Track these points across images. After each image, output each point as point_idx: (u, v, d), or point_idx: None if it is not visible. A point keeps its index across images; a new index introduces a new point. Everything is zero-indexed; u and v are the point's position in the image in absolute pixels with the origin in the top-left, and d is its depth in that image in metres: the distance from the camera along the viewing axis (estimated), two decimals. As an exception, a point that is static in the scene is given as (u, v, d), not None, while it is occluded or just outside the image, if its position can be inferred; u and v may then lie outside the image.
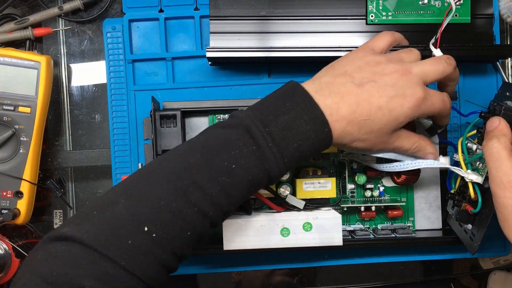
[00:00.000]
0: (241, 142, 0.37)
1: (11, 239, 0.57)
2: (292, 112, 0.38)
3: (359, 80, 0.40)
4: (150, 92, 0.55)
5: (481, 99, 0.55)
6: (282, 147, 0.37)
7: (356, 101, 0.39)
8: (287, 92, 0.40)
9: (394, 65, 0.41)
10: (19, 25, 0.56)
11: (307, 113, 0.38)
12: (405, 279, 0.60)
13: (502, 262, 0.62)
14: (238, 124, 0.38)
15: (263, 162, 0.37)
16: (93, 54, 0.59)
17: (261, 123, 0.37)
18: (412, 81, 0.41)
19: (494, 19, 0.54)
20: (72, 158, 0.58)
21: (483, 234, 0.44)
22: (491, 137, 0.40)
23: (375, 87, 0.40)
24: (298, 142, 0.38)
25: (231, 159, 0.37)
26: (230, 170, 0.36)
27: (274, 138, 0.37)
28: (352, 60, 0.42)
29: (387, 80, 0.40)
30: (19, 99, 0.53)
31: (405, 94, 0.40)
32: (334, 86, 0.40)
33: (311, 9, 0.53)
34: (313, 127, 0.38)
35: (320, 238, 0.47)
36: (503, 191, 0.38)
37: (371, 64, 0.41)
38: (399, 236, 0.52)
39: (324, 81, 0.41)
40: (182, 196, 0.36)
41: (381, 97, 0.39)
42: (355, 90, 0.39)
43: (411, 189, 0.54)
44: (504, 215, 0.39)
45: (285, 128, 0.37)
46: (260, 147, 0.37)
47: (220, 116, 0.53)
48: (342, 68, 0.41)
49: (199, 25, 0.55)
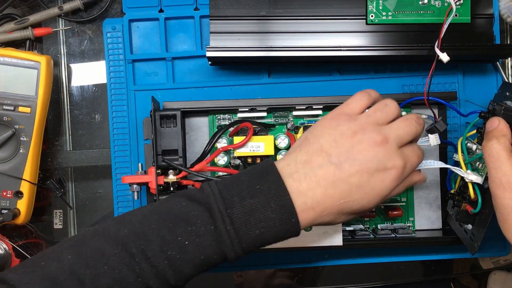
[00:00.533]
0: (199, 219, 0.36)
1: (11, 239, 0.57)
2: (260, 196, 0.36)
3: (336, 158, 0.38)
4: (150, 92, 0.55)
5: (481, 99, 0.55)
6: (242, 232, 0.36)
7: (333, 184, 0.37)
8: (261, 173, 0.38)
9: (370, 134, 0.38)
10: (19, 25, 0.56)
11: (275, 200, 0.36)
12: (405, 279, 0.60)
13: (502, 262, 0.62)
14: (201, 199, 0.37)
15: (219, 244, 0.36)
16: (93, 54, 0.59)
17: (223, 204, 0.36)
18: (391, 151, 0.38)
19: (494, 19, 0.54)
20: (72, 158, 0.58)
21: (483, 234, 0.44)
22: (490, 138, 0.40)
23: (354, 165, 0.37)
24: (261, 230, 0.36)
25: (186, 235, 0.35)
26: (183, 246, 0.35)
27: (234, 222, 0.36)
28: (327, 130, 0.39)
29: (365, 155, 0.38)
30: (19, 99, 0.53)
31: (386, 168, 0.38)
32: (310, 168, 0.38)
33: (311, 9, 0.53)
34: (279, 216, 0.36)
35: (320, 238, 0.47)
36: (503, 191, 0.38)
37: (347, 135, 0.38)
38: (399, 236, 0.52)
39: (299, 160, 0.38)
40: (126, 265, 0.35)
41: (362, 175, 0.37)
42: (333, 171, 0.37)
43: (411, 189, 0.54)
44: (504, 215, 0.39)
45: (249, 213, 0.36)
46: (218, 229, 0.35)
47: (220, 116, 0.53)
48: (317, 143, 0.39)
49: (199, 25, 0.55)
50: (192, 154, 0.54)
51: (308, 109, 0.52)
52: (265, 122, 0.53)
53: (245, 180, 0.37)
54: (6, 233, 0.57)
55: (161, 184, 0.48)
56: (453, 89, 0.55)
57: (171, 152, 0.49)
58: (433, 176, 0.54)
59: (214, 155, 0.50)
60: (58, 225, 0.59)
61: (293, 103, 0.51)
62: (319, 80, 0.56)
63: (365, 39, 0.53)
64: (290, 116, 0.53)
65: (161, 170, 0.49)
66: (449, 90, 0.55)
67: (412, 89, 0.55)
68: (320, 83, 0.55)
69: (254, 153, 0.50)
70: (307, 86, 0.55)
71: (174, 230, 0.36)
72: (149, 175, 0.48)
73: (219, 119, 0.53)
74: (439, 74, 0.55)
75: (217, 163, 0.52)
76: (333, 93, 0.55)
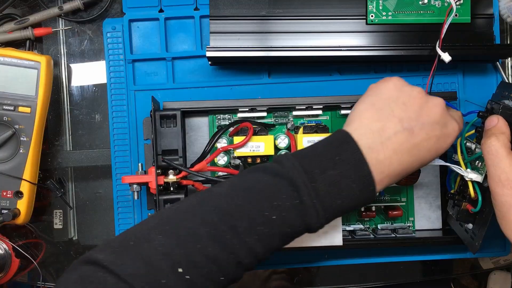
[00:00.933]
0: (284, 195, 0.36)
1: (11, 239, 0.57)
2: (340, 167, 0.37)
3: (408, 124, 0.39)
4: (150, 92, 0.55)
5: (481, 99, 0.55)
6: (326, 203, 0.37)
7: (408, 149, 0.39)
8: (336, 142, 0.39)
9: (431, 97, 0.41)
10: (19, 25, 0.56)
11: (356, 171, 0.37)
12: (405, 279, 0.60)
13: (502, 262, 0.62)
14: (283, 174, 0.37)
15: (304, 217, 0.37)
16: (93, 54, 0.59)
17: (307, 176, 0.36)
18: (448, 114, 0.41)
19: (494, 19, 0.54)
20: (72, 158, 0.58)
21: (484, 232, 0.44)
22: (489, 135, 0.40)
23: (424, 129, 0.39)
24: (342, 200, 0.37)
25: (272, 210, 0.36)
26: (270, 221, 0.36)
27: (318, 194, 0.36)
28: (393, 92, 0.40)
29: (433, 118, 0.40)
30: (19, 99, 0.53)
31: (448, 130, 0.40)
32: (385, 135, 0.39)
33: (311, 9, 0.53)
34: (359, 186, 0.37)
35: (320, 238, 0.47)
36: (501, 189, 0.38)
37: (414, 97, 0.40)
38: (399, 236, 0.52)
39: (374, 128, 0.39)
40: (218, 241, 0.35)
41: (430, 139, 0.39)
42: (406, 137, 0.39)
43: (411, 189, 0.54)
44: (502, 212, 0.39)
45: (331, 184, 0.37)
46: (304, 203, 0.36)
47: (220, 116, 0.53)
48: (387, 106, 0.40)
49: (199, 25, 0.55)
50: (192, 154, 0.54)
51: (308, 109, 0.52)
52: (265, 122, 0.53)
53: (323, 152, 0.38)
54: (6, 233, 0.57)
55: (161, 184, 0.48)
56: (453, 89, 0.55)
57: (171, 152, 0.49)
58: (433, 176, 0.54)
59: (214, 155, 0.50)
60: (58, 225, 0.59)
61: (293, 103, 0.51)
62: (319, 80, 0.56)
63: (365, 39, 0.53)
64: (290, 116, 0.53)
65: (161, 170, 0.49)
66: (449, 90, 0.55)
67: (412, 89, 0.55)
68: (320, 83, 0.55)
69: (254, 153, 0.50)
70: (307, 86, 0.55)
71: (261, 206, 0.36)
72: (149, 175, 0.48)
73: (219, 119, 0.53)
74: (439, 74, 0.55)
75: (217, 163, 0.52)
76: (333, 93, 0.55)
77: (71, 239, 0.59)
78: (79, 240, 0.59)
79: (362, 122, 0.40)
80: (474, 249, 0.46)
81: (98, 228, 0.58)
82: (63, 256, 0.59)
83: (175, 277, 0.34)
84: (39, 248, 0.59)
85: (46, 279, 0.58)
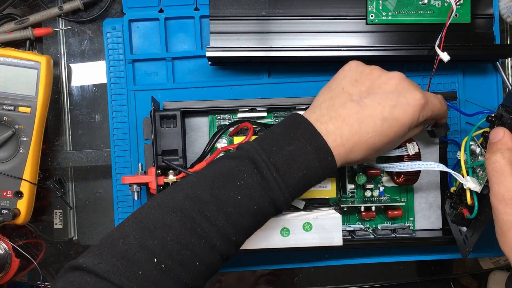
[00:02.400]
0: (246, 173, 0.38)
1: (11, 239, 0.57)
2: (296, 142, 0.38)
3: (358, 96, 0.40)
4: (150, 92, 0.55)
5: (481, 99, 0.55)
6: (287, 177, 0.38)
7: (358, 120, 0.39)
8: (290, 123, 0.40)
9: (390, 72, 0.41)
10: (19, 25, 0.56)
11: (310, 142, 0.38)
12: (405, 279, 0.60)
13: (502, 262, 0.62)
14: (243, 156, 0.39)
15: (268, 191, 0.38)
16: (93, 54, 0.59)
17: (265, 153, 0.38)
18: (410, 84, 0.41)
19: (494, 19, 0.54)
20: (72, 158, 0.58)
21: (476, 240, 0.44)
22: (495, 151, 0.39)
23: (376, 99, 0.40)
24: (303, 172, 0.38)
25: (237, 190, 0.37)
26: (236, 201, 0.37)
27: (278, 168, 0.38)
28: (348, 73, 0.42)
29: (386, 88, 0.40)
30: (19, 99, 0.53)
31: (407, 99, 0.40)
32: (334, 109, 0.40)
33: (311, 9, 0.53)
34: (317, 156, 0.38)
35: (320, 238, 0.47)
36: (504, 207, 0.38)
37: (367, 73, 0.41)
38: (399, 236, 0.52)
39: (324, 106, 0.41)
40: (189, 228, 0.36)
41: (384, 108, 0.39)
42: (355, 108, 0.40)
43: (411, 189, 0.54)
44: (503, 230, 0.38)
45: (289, 158, 0.38)
46: (265, 177, 0.37)
47: (220, 116, 0.53)
48: (338, 86, 0.42)
49: (199, 25, 0.55)
50: (192, 154, 0.54)
51: (308, 109, 0.52)
52: (265, 122, 0.53)
53: (279, 132, 0.40)
54: (6, 233, 0.57)
55: (161, 184, 0.48)
56: (453, 89, 0.55)
57: (171, 152, 0.49)
58: (433, 177, 0.54)
59: (214, 155, 0.50)
60: (58, 225, 0.59)
61: (293, 103, 0.51)
62: (319, 80, 0.56)
63: (365, 39, 0.53)
64: (290, 116, 0.53)
65: (161, 170, 0.49)
66: (449, 90, 0.55)
67: (412, 89, 0.55)
68: (320, 83, 0.55)
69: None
70: (307, 86, 0.55)
71: (225, 188, 0.37)
72: (149, 175, 0.48)
73: (219, 119, 0.53)
74: (439, 74, 0.55)
75: (217, 163, 0.52)
76: (333, 93, 0.54)
77: (71, 239, 0.59)
78: (79, 240, 0.59)
79: (314, 103, 0.43)
80: (465, 254, 0.46)
81: (98, 228, 0.58)
82: (63, 256, 0.59)
83: (151, 267, 0.35)
84: (39, 248, 0.59)
85: (46, 279, 0.58)
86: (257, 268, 0.58)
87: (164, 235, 0.36)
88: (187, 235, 0.36)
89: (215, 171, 0.39)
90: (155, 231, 0.36)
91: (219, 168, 0.39)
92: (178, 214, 0.37)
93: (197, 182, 0.39)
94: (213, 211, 0.37)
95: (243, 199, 0.37)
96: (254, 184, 0.37)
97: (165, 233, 0.36)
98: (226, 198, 0.37)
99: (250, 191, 0.37)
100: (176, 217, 0.37)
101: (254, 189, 0.37)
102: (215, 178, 0.38)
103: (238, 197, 0.37)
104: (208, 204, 0.37)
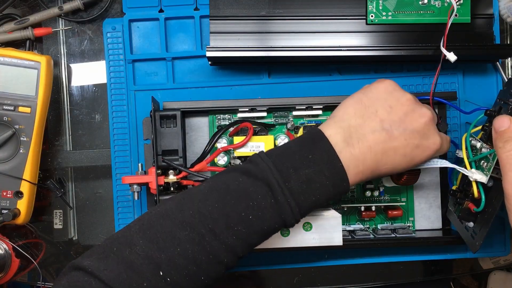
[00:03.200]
0: (260, 195, 0.37)
1: (11, 239, 0.57)
2: (314, 166, 0.38)
3: (389, 125, 0.40)
4: (150, 92, 0.55)
5: (481, 99, 0.55)
6: (301, 201, 0.38)
7: (383, 150, 0.39)
8: (310, 142, 0.40)
9: (422, 108, 0.41)
10: (19, 25, 0.56)
11: (329, 168, 0.38)
12: (405, 279, 0.60)
13: (502, 262, 0.62)
14: (258, 176, 0.38)
15: (280, 214, 0.38)
16: (93, 54, 0.59)
17: (281, 177, 0.37)
18: (434, 129, 0.42)
19: (494, 19, 0.54)
20: (72, 158, 0.58)
21: (485, 232, 0.44)
22: (507, 139, 0.39)
23: (404, 135, 0.40)
24: (316, 196, 0.38)
25: (249, 210, 0.37)
26: (247, 220, 0.37)
27: (293, 193, 0.37)
28: (383, 95, 0.41)
29: (415, 126, 0.41)
30: (19, 99, 0.53)
31: (428, 143, 0.41)
32: (363, 132, 0.40)
33: (311, 9, 0.53)
34: (332, 182, 0.38)
35: (320, 238, 0.47)
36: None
37: (402, 103, 0.41)
38: (399, 236, 0.52)
39: (353, 123, 0.40)
40: (197, 244, 0.36)
41: (407, 146, 0.40)
42: (384, 137, 0.40)
43: (411, 189, 0.54)
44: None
45: (305, 182, 0.38)
46: (279, 202, 0.37)
47: (220, 116, 0.53)
48: (372, 106, 0.41)
49: (199, 25, 0.55)
50: (192, 154, 0.54)
51: (308, 109, 0.52)
52: (265, 122, 0.53)
53: (296, 150, 0.39)
54: (6, 233, 0.57)
55: (162, 184, 0.48)
56: (453, 89, 0.55)
57: (171, 152, 0.49)
58: (433, 176, 0.54)
59: (214, 155, 0.50)
60: (58, 225, 0.59)
61: (293, 103, 0.51)
62: (319, 80, 0.56)
63: (365, 39, 0.53)
64: (290, 116, 0.53)
65: (161, 170, 0.49)
66: (449, 90, 0.55)
67: (412, 89, 0.55)
68: (320, 83, 0.55)
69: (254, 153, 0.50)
70: (307, 86, 0.55)
71: (237, 206, 0.37)
72: (149, 175, 0.48)
73: (219, 119, 0.53)
74: (439, 74, 0.55)
75: (217, 163, 0.52)
76: (333, 93, 0.54)
77: (71, 239, 0.59)
78: (79, 240, 0.59)
79: (345, 116, 0.41)
80: (474, 248, 0.46)
81: (98, 228, 0.58)
82: (63, 256, 0.59)
83: (156, 279, 0.35)
84: (39, 248, 0.59)
85: (46, 279, 0.58)
86: (256, 269, 0.58)
87: (172, 249, 0.36)
88: (195, 251, 0.36)
89: (227, 187, 0.38)
90: (163, 244, 0.36)
91: (232, 184, 0.38)
92: (188, 229, 0.36)
93: (208, 195, 0.38)
94: (223, 228, 0.37)
95: (254, 219, 0.37)
96: (267, 207, 0.37)
97: (173, 247, 0.36)
98: (237, 216, 0.37)
99: (262, 212, 0.37)
100: (185, 231, 0.36)
101: (267, 211, 0.37)
102: (227, 195, 0.38)
103: (249, 217, 0.37)
104: (218, 221, 0.37)
